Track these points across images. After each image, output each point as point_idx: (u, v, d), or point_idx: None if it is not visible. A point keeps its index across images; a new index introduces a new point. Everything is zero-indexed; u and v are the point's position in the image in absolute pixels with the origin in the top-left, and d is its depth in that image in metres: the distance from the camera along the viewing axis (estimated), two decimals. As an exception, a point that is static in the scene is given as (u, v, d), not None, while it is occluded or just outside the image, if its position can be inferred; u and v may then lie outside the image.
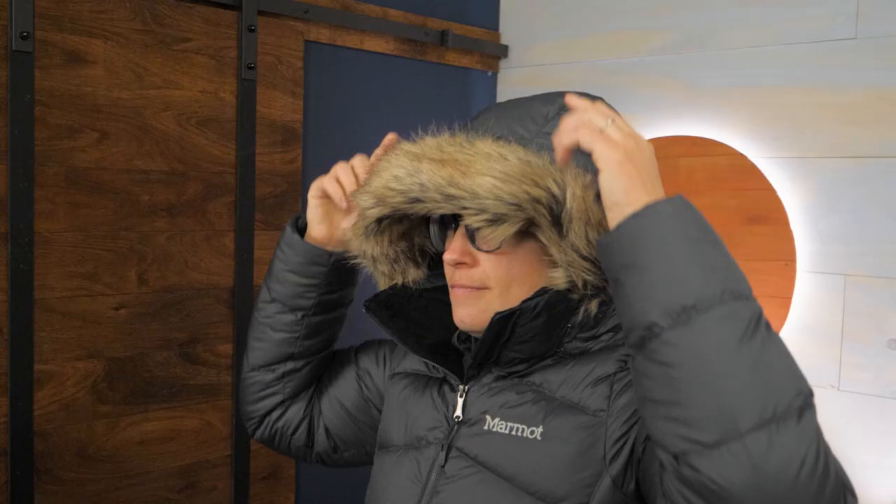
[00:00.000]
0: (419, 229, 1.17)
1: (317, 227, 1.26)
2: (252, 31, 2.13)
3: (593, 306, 1.02)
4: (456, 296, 1.08)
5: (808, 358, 2.22)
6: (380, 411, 1.28)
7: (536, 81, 2.77)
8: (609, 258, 0.87)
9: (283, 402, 1.33)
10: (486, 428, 1.05)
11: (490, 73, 2.85)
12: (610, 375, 1.02)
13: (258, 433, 1.36)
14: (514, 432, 1.03)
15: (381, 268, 1.16)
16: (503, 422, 1.04)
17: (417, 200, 1.01)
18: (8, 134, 1.76)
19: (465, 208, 0.98)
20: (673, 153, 2.46)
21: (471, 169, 0.96)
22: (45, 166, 1.83)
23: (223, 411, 2.16)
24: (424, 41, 2.59)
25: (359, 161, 1.23)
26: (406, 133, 1.15)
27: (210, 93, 2.09)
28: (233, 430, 2.18)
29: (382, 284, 1.19)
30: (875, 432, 2.12)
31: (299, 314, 1.27)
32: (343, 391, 1.32)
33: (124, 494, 2.00)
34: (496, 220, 0.97)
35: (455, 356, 1.16)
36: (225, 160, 2.12)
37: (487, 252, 1.04)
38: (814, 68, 2.21)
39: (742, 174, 2.33)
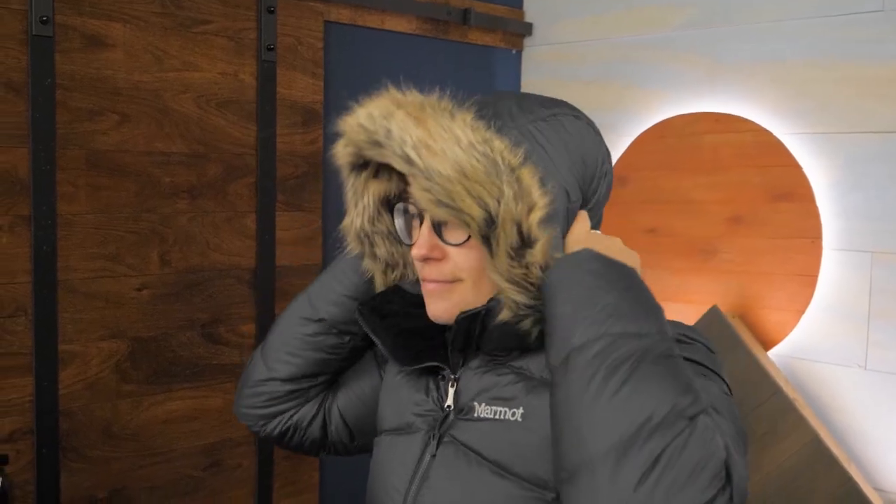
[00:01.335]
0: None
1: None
2: (271, 12, 2.14)
3: (528, 324, 1.00)
4: (428, 290, 1.06)
5: (834, 337, 2.20)
6: None
7: (562, 59, 2.75)
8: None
9: (300, 404, 1.28)
10: (475, 415, 1.05)
11: (514, 52, 2.83)
12: None
13: (265, 431, 1.28)
14: (497, 416, 1.03)
15: (378, 251, 1.15)
16: (489, 406, 1.04)
17: (378, 144, 1.00)
18: (29, 118, 1.79)
19: (414, 176, 0.97)
20: (697, 130, 2.43)
21: (438, 145, 0.94)
22: (67, 149, 1.85)
23: (246, 390, 2.18)
24: (447, 20, 2.57)
25: None
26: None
27: (230, 74, 2.10)
28: (256, 409, 2.20)
29: (379, 282, 1.17)
30: (902, 412, 2.09)
31: (346, 338, 1.23)
32: (364, 382, 1.28)
33: (149, 472, 2.03)
34: (440, 204, 0.95)
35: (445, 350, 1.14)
36: (245, 141, 2.14)
37: (455, 246, 1.03)
38: (840, 42, 2.17)
39: (767, 151, 2.29)
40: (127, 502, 2.00)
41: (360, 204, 1.12)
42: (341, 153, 1.08)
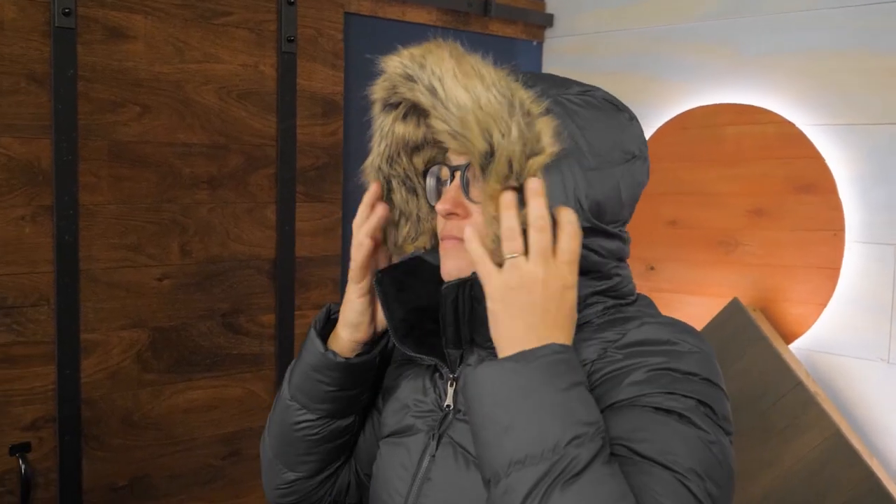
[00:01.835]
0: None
1: (362, 325, 1.15)
2: (291, 3, 2.14)
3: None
4: (445, 248, 1.06)
5: (857, 330, 2.18)
6: None
7: (583, 50, 2.74)
8: None
9: (333, 484, 1.27)
10: None
11: (535, 43, 2.83)
12: (589, 362, 0.98)
13: None
14: None
15: (395, 196, 1.14)
16: None
17: (411, 79, 1.01)
18: (52, 109, 1.81)
19: (435, 108, 0.98)
20: (720, 121, 2.41)
21: (462, 80, 0.96)
22: (89, 140, 1.87)
23: (266, 381, 2.20)
24: (467, 11, 2.57)
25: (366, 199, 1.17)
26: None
27: (250, 66, 2.10)
28: (276, 399, 2.22)
29: (389, 235, 1.15)
30: (925, 406, 2.07)
31: (352, 417, 1.21)
32: (371, 433, 1.26)
33: (169, 461, 2.05)
34: (455, 136, 0.96)
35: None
36: (266, 133, 2.15)
37: (479, 203, 1.01)
38: (863, 32, 2.14)
39: (789, 142, 2.27)
40: (148, 490, 2.02)
41: (382, 143, 1.13)
42: (378, 87, 1.09)
